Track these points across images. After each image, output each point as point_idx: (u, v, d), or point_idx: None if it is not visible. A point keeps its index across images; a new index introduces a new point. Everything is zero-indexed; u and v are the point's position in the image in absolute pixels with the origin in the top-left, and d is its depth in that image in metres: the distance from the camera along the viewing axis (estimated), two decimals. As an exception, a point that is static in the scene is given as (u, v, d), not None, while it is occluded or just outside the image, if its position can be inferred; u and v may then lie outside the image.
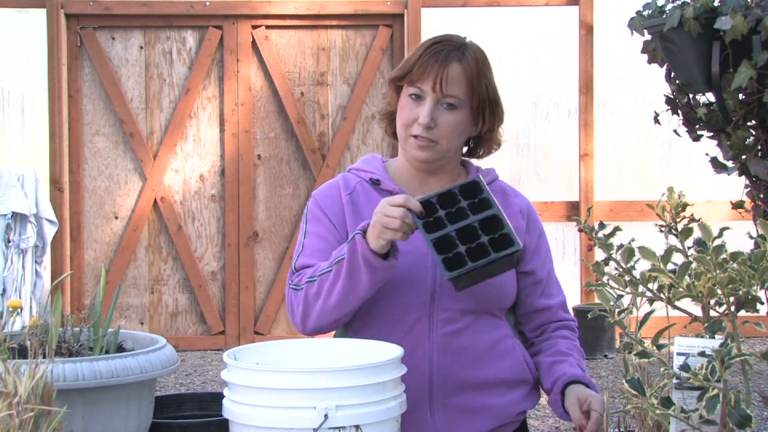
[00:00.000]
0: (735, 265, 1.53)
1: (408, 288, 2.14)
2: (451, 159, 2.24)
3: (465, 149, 2.32)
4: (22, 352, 1.75)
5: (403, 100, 2.20)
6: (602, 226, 1.64)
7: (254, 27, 7.25)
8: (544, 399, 2.23)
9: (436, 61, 2.16)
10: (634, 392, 1.54)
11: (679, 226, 1.63)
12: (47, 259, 6.95)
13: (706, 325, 1.57)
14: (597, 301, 1.63)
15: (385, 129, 2.35)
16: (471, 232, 2.00)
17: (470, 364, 2.14)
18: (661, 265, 1.57)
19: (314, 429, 1.65)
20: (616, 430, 1.90)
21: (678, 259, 1.59)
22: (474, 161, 2.36)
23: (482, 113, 2.21)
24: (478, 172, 2.26)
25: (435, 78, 2.15)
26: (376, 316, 2.15)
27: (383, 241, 1.99)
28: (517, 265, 2.10)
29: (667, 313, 1.62)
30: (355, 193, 2.23)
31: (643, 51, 4.39)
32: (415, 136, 2.17)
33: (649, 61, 4.38)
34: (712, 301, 1.57)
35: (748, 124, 4.02)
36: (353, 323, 2.19)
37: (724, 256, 1.54)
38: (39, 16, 7.06)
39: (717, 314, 1.58)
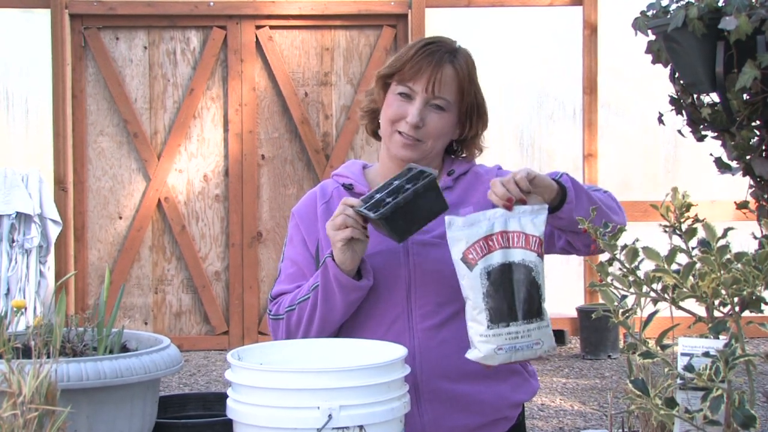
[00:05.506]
0: (739, 265, 1.53)
1: (383, 287, 2.14)
2: (432, 159, 2.23)
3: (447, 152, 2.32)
4: (26, 352, 1.76)
5: (391, 97, 2.20)
6: (606, 226, 1.64)
7: (258, 27, 7.25)
8: (547, 399, 2.22)
9: (430, 62, 2.15)
10: (638, 393, 1.54)
11: (684, 227, 1.63)
12: (51, 259, 6.96)
13: (710, 325, 1.57)
14: (601, 301, 1.62)
15: (365, 126, 2.34)
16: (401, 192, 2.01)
17: (454, 355, 2.12)
18: (666, 266, 1.57)
19: (318, 429, 1.65)
20: (620, 430, 1.90)
21: (682, 259, 1.59)
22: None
23: (469, 118, 2.23)
24: (453, 164, 2.26)
25: (429, 79, 2.15)
26: (354, 318, 2.16)
27: (340, 244, 2.02)
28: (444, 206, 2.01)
29: (671, 313, 1.62)
30: (331, 200, 2.25)
31: (648, 51, 4.38)
32: (401, 133, 2.17)
33: (654, 61, 4.38)
34: (717, 302, 1.56)
35: (753, 124, 4.02)
36: None
37: (728, 256, 1.54)
38: (43, 16, 7.06)
39: (721, 314, 1.58)
